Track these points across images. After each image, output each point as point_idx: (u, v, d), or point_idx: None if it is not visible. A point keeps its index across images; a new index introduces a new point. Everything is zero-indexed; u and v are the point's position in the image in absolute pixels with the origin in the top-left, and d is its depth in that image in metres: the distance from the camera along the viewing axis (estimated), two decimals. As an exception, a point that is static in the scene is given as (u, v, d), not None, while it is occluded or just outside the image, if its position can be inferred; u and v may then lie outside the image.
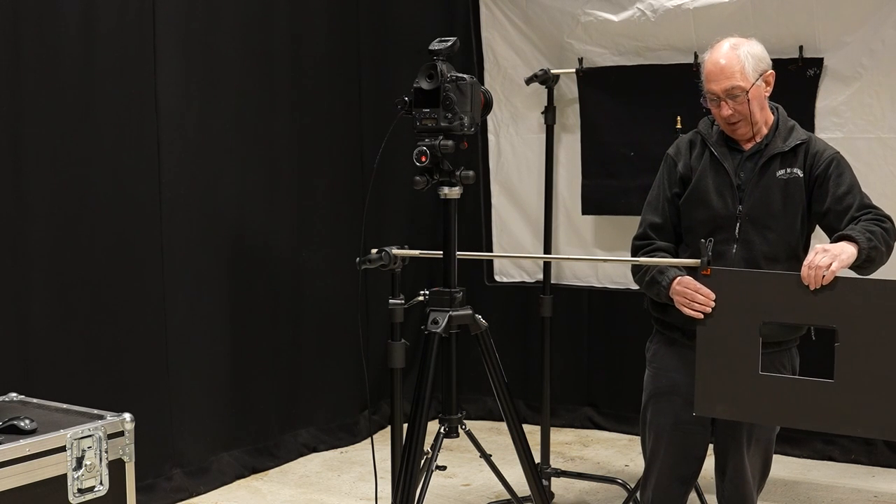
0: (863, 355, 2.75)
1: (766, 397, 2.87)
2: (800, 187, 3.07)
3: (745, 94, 3.02)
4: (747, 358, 2.87)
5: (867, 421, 2.78)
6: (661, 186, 3.22)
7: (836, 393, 2.78)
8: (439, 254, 3.12)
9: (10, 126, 3.85)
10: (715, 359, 2.90)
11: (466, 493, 4.55)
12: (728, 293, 2.90)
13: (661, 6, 4.21)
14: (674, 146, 3.26)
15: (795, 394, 2.86)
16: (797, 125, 3.17)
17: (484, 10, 4.77)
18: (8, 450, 2.84)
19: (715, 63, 3.06)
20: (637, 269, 3.18)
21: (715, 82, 3.05)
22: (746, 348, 2.87)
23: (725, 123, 3.09)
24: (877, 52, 3.91)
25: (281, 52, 4.94)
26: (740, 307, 2.88)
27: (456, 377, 3.16)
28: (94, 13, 4.09)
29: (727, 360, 2.89)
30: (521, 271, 4.78)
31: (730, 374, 2.89)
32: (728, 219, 3.09)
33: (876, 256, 2.88)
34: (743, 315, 2.88)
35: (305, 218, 5.10)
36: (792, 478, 4.65)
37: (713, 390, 2.92)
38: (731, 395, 2.90)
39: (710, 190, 3.11)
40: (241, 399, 4.79)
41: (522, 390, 5.43)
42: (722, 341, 2.90)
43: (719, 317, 2.90)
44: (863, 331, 2.75)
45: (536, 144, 4.56)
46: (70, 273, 4.06)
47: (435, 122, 2.98)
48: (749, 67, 3.04)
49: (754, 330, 2.87)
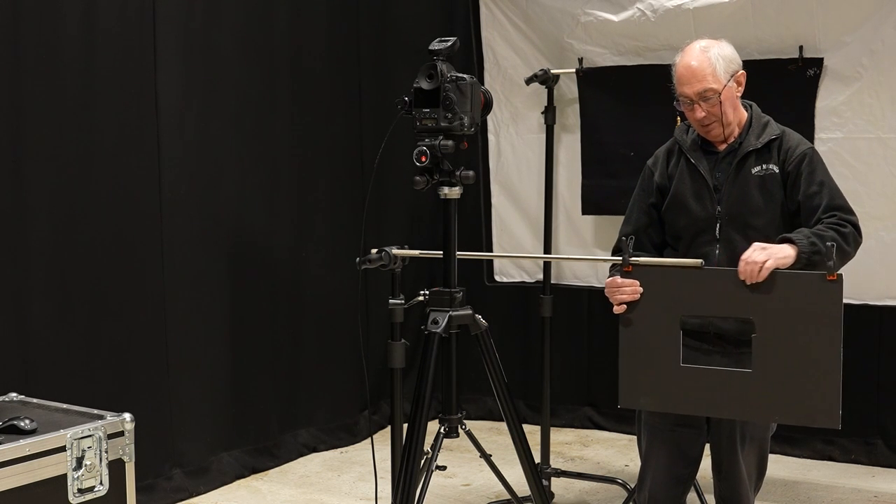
0: (778, 345, 2.85)
1: (688, 388, 2.95)
2: (777, 183, 3.08)
3: (717, 95, 3.04)
4: (669, 350, 2.95)
5: (784, 409, 2.89)
6: (637, 197, 3.27)
7: (755, 382, 2.88)
8: (439, 254, 3.12)
9: (10, 126, 3.85)
10: (637, 353, 2.99)
11: (466, 493, 4.55)
12: (649, 288, 2.97)
13: (661, 6, 4.21)
14: (653, 156, 3.29)
15: (716, 384, 2.94)
16: (771, 121, 3.16)
17: (484, 10, 4.77)
18: (8, 450, 2.84)
19: (686, 66, 3.07)
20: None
21: (687, 85, 3.06)
22: (668, 341, 2.95)
23: (699, 125, 3.11)
24: (877, 52, 3.91)
25: (281, 52, 4.94)
26: (661, 301, 2.96)
27: (456, 377, 3.16)
28: (94, 13, 4.09)
29: (649, 354, 2.98)
30: (521, 271, 4.78)
31: (652, 366, 2.98)
32: (708, 220, 3.10)
33: (818, 262, 2.88)
34: (664, 309, 2.96)
35: (305, 218, 5.10)
36: (792, 478, 4.65)
37: (636, 383, 3.00)
38: (655, 387, 2.99)
39: (687, 195, 3.13)
40: (241, 399, 4.79)
41: (522, 390, 5.43)
42: (644, 335, 2.98)
43: (641, 311, 2.97)
44: (778, 322, 2.85)
45: (536, 144, 4.56)
46: (70, 273, 4.06)
47: (435, 122, 2.98)
48: (720, 69, 3.05)
49: (675, 323, 2.95)
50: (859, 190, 3.95)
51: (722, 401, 2.94)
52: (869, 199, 3.96)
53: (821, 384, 2.81)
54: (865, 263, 3.94)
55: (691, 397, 2.96)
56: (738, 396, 2.90)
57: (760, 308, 2.86)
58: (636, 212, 3.26)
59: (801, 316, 2.82)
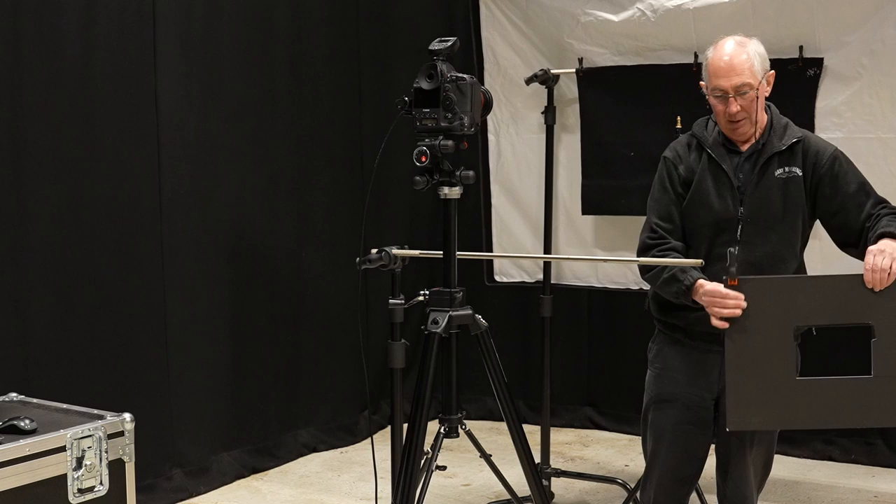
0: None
1: (804, 402, 2.84)
2: (799, 186, 3.07)
3: (753, 91, 3.02)
4: (782, 365, 2.83)
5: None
6: (665, 188, 3.16)
7: (876, 387, 2.80)
8: (439, 254, 3.12)
9: (10, 126, 3.85)
10: (746, 371, 2.83)
11: (466, 493, 4.55)
12: (758, 302, 2.85)
13: (661, 6, 4.21)
14: (670, 150, 3.21)
15: (834, 394, 2.85)
16: (790, 122, 3.16)
17: (484, 10, 4.77)
18: (8, 450, 2.83)
19: (723, 59, 3.04)
20: (649, 267, 3.12)
21: (725, 78, 3.02)
22: (781, 355, 2.83)
23: (728, 122, 3.06)
24: (877, 52, 3.91)
25: (281, 52, 4.94)
26: (771, 314, 2.84)
27: (456, 377, 3.16)
28: (94, 13, 4.09)
29: (761, 370, 2.83)
30: (521, 271, 4.78)
31: (764, 383, 2.83)
32: (729, 221, 3.07)
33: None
34: (775, 322, 2.84)
35: (305, 218, 5.10)
36: (792, 478, 4.65)
37: (748, 403, 2.84)
38: (768, 405, 2.85)
39: (710, 192, 3.09)
40: (241, 399, 4.79)
41: (522, 390, 5.42)
42: (754, 352, 2.84)
43: (749, 327, 2.84)
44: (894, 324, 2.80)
45: (536, 144, 4.56)
46: (70, 273, 4.06)
47: (435, 122, 2.98)
48: (757, 65, 3.04)
49: (788, 335, 2.84)
50: (859, 190, 3.94)
51: (840, 410, 2.85)
52: (869, 199, 3.96)
53: None
54: (865, 263, 3.94)
55: (807, 410, 2.85)
56: (858, 404, 2.82)
57: (879, 311, 2.80)
58: (664, 201, 3.15)
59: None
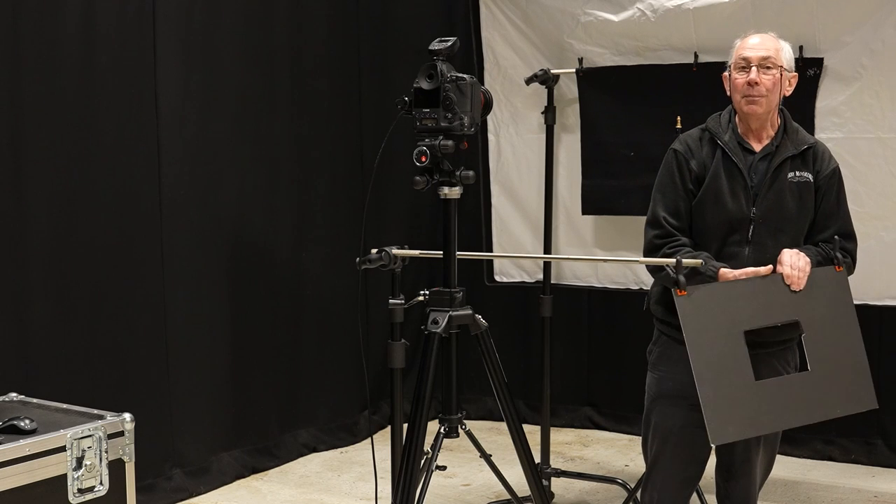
0: (822, 341, 2.88)
1: (766, 405, 2.86)
2: (810, 191, 3.09)
3: (777, 71, 3.05)
4: (741, 371, 2.84)
5: (837, 402, 2.90)
6: (675, 182, 3.12)
7: (815, 382, 2.87)
8: (439, 254, 3.12)
9: (10, 126, 3.85)
10: (714, 383, 2.81)
11: (466, 493, 4.55)
12: (709, 311, 2.86)
13: (661, 6, 4.21)
14: (680, 143, 3.16)
15: (787, 393, 2.90)
16: (800, 127, 3.19)
17: (484, 10, 4.77)
18: (8, 450, 2.84)
19: (754, 38, 3.11)
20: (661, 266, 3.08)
21: (751, 49, 3.07)
22: (739, 362, 2.84)
23: (744, 96, 3.05)
24: (877, 52, 3.91)
25: (281, 52, 4.94)
26: (722, 322, 2.86)
27: (456, 377, 3.16)
28: (94, 13, 4.09)
29: (725, 380, 2.83)
30: (521, 271, 4.78)
31: (732, 392, 2.83)
32: (742, 221, 3.06)
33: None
34: (726, 329, 2.86)
35: (305, 218, 5.10)
36: (792, 478, 4.65)
37: (722, 414, 2.81)
38: (739, 414, 2.84)
39: (724, 191, 3.06)
40: (241, 399, 4.79)
41: (522, 390, 5.43)
42: (716, 363, 2.83)
43: (707, 338, 2.83)
44: (816, 318, 2.90)
45: (536, 144, 4.56)
46: (70, 273, 4.06)
47: (435, 122, 2.98)
48: (784, 55, 3.11)
49: (740, 341, 2.85)
50: (859, 190, 3.95)
51: (794, 409, 2.87)
52: (869, 199, 3.96)
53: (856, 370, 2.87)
54: (865, 263, 3.93)
55: (770, 413, 2.86)
56: (804, 400, 2.86)
57: (803, 308, 2.88)
58: (673, 196, 3.12)
59: (828, 308, 2.90)
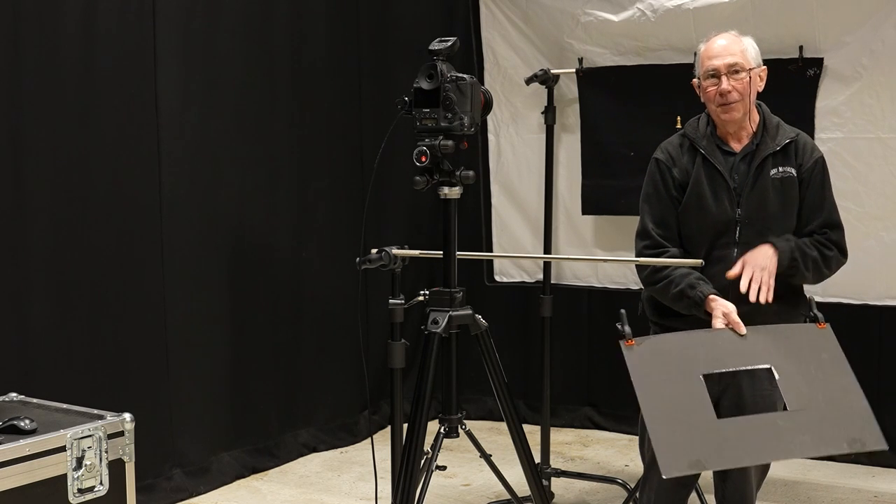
0: (801, 382, 2.81)
1: (729, 442, 2.77)
2: (794, 186, 3.09)
3: (746, 74, 3.05)
4: (699, 410, 2.76)
5: (827, 439, 2.81)
6: (659, 192, 3.16)
7: (793, 421, 2.79)
8: (439, 254, 3.12)
9: (10, 126, 3.85)
10: (666, 421, 2.74)
11: (466, 493, 4.55)
12: (659, 357, 2.82)
13: (661, 6, 4.22)
14: (662, 151, 3.20)
15: (757, 430, 2.81)
16: (781, 122, 3.17)
17: (484, 10, 4.78)
18: (8, 450, 2.84)
19: (717, 43, 3.10)
20: (650, 279, 3.12)
21: (718, 58, 3.07)
22: (696, 401, 2.77)
23: (718, 105, 3.06)
24: (877, 52, 3.91)
25: (281, 52, 4.94)
26: (675, 367, 2.81)
27: (456, 377, 3.16)
28: (94, 13, 4.09)
29: (679, 418, 2.76)
30: (521, 271, 4.78)
31: (687, 429, 2.75)
32: (728, 223, 3.08)
33: (793, 274, 3.03)
34: (680, 373, 2.80)
35: (305, 218, 5.10)
36: (792, 478, 4.65)
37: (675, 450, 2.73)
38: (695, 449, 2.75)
39: (707, 196, 3.09)
40: (241, 399, 4.79)
41: (522, 390, 5.43)
42: (668, 403, 2.78)
43: (658, 381, 2.79)
44: (792, 364, 2.83)
45: (536, 144, 4.56)
46: (70, 273, 4.06)
47: (435, 122, 2.98)
48: (750, 53, 3.09)
49: (698, 382, 2.79)
50: (859, 190, 3.95)
51: (765, 445, 2.81)
52: (869, 199, 3.97)
53: (851, 412, 2.79)
54: (865, 263, 3.95)
55: (735, 449, 2.78)
56: (781, 437, 2.80)
57: (773, 355, 2.83)
58: (658, 206, 3.15)
59: (809, 356, 2.83)
